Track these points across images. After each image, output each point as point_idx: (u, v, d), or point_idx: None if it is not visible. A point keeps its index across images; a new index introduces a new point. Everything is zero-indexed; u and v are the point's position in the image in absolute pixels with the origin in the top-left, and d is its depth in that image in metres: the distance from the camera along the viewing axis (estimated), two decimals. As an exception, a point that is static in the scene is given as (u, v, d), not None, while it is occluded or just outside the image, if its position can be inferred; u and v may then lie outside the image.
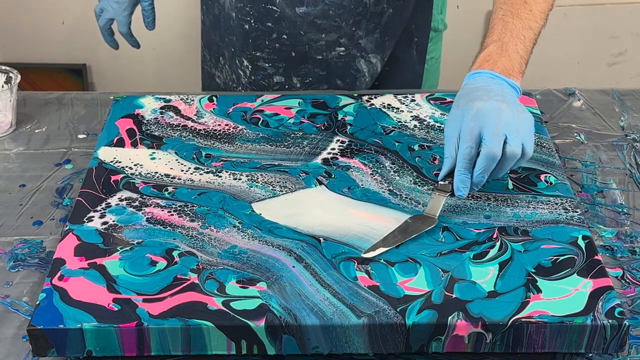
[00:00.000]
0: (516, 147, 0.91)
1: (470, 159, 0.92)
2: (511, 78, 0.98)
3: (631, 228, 1.02)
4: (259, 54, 1.28)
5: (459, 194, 0.93)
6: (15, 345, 0.87)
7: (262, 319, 0.81)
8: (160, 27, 1.94)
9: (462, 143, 0.92)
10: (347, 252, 0.89)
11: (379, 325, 0.81)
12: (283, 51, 1.26)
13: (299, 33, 1.24)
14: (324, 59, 1.27)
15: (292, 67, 1.28)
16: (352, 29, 1.25)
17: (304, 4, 1.22)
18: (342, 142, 1.07)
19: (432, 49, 1.39)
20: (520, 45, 1.01)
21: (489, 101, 0.93)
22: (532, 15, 1.03)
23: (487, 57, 1.00)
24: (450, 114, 0.96)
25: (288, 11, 1.22)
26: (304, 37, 1.24)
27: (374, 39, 1.27)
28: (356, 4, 1.23)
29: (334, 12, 1.22)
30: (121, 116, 1.12)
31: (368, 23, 1.25)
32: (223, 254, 0.89)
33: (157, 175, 1.01)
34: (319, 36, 1.24)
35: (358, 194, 0.98)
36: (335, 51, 1.26)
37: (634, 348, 0.87)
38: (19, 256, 0.97)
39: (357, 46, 1.27)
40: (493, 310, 0.82)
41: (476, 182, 0.93)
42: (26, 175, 1.11)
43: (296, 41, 1.25)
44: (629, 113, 1.23)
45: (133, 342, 0.82)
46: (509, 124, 0.91)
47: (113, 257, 0.89)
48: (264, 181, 1.00)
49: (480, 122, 0.91)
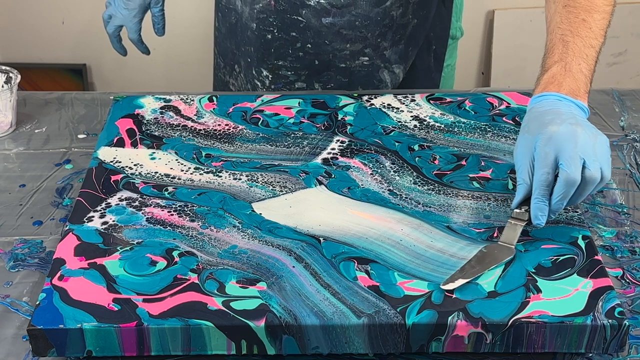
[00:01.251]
0: (595, 171, 0.88)
1: (547, 186, 0.89)
2: (578, 99, 0.95)
3: (631, 228, 1.02)
4: (281, 62, 1.27)
5: (536, 222, 0.89)
6: (15, 345, 0.87)
7: (262, 319, 0.81)
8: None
9: (537, 169, 0.89)
10: (347, 252, 0.89)
11: (379, 326, 0.81)
12: (306, 59, 1.26)
13: (324, 42, 1.24)
14: (347, 67, 1.27)
15: (314, 74, 1.28)
16: (378, 40, 1.25)
17: (330, 14, 1.21)
18: (342, 142, 1.07)
19: (449, 56, 1.39)
20: (583, 64, 0.98)
21: (563, 125, 0.90)
22: (592, 33, 1.00)
23: (551, 78, 0.97)
24: (520, 139, 0.93)
25: (314, 21, 1.22)
26: (328, 46, 1.25)
27: (399, 50, 1.27)
28: (383, 16, 1.22)
29: (360, 23, 1.22)
30: (121, 116, 1.12)
31: (394, 35, 1.25)
32: (223, 254, 0.89)
33: (157, 175, 1.01)
34: (344, 46, 1.24)
35: (358, 194, 0.98)
36: (359, 60, 1.27)
37: (634, 348, 0.87)
38: (19, 256, 0.97)
39: (381, 57, 1.27)
40: (493, 310, 0.82)
41: (554, 209, 0.90)
42: (26, 175, 1.11)
43: (320, 50, 1.25)
44: (629, 113, 1.23)
45: (133, 342, 0.82)
46: (585, 148, 0.89)
47: (113, 257, 0.89)
48: (264, 181, 1.00)
49: (555, 147, 0.89)
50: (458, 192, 0.98)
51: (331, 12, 1.21)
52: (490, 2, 2.31)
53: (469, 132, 1.09)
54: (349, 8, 1.21)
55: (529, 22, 2.31)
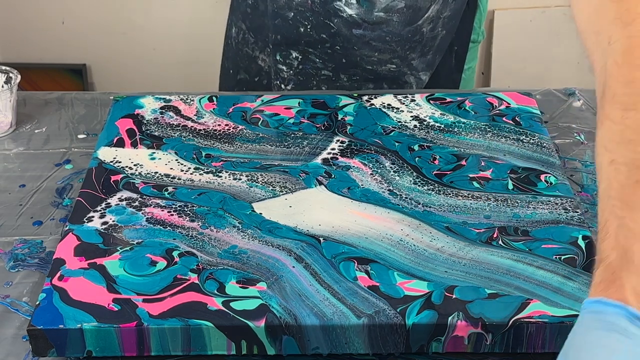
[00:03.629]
0: None
1: None
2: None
3: (631, 228, 1.02)
4: (311, 50, 1.28)
5: None
6: (15, 345, 0.87)
7: (262, 320, 0.81)
8: (160, 27, 1.95)
9: None
10: (347, 252, 0.89)
11: (379, 326, 0.81)
12: (335, 57, 1.28)
13: (353, 48, 1.26)
14: (373, 70, 1.28)
15: (341, 68, 1.29)
16: (407, 52, 1.26)
17: (361, 27, 1.22)
18: (342, 142, 1.07)
19: (470, 59, 1.39)
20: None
21: None
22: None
23: (610, 275, 0.66)
24: None
25: (344, 30, 1.23)
26: (357, 51, 1.26)
27: (426, 60, 1.28)
28: (414, 33, 1.23)
29: (391, 39, 1.24)
30: (121, 116, 1.12)
31: (423, 47, 1.27)
32: (223, 254, 0.89)
33: (157, 175, 1.01)
34: (372, 54, 1.26)
35: (358, 194, 0.98)
36: (386, 66, 1.28)
37: (634, 348, 0.87)
38: (19, 256, 0.97)
39: (408, 66, 1.29)
40: (493, 310, 0.82)
41: None
42: (26, 175, 1.11)
43: (349, 53, 1.26)
44: (629, 113, 1.23)
45: (133, 342, 0.82)
46: None
47: (113, 257, 0.89)
48: (264, 181, 1.00)
49: None
50: (458, 192, 0.98)
51: (362, 25, 1.23)
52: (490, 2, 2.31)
53: (469, 132, 1.09)
54: (380, 25, 1.22)
55: (529, 22, 2.31)
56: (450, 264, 0.88)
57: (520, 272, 0.87)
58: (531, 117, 1.12)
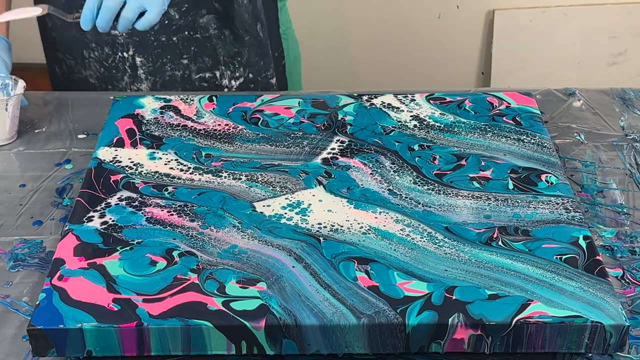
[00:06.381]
0: None
1: None
2: None
3: (631, 228, 1.02)
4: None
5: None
6: (15, 345, 0.87)
7: (262, 320, 0.81)
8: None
9: None
10: (346, 252, 0.89)
11: (379, 326, 0.81)
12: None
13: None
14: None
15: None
16: None
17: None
18: (342, 142, 1.07)
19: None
20: None
21: None
22: None
23: None
24: None
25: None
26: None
27: None
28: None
29: None
30: (121, 116, 1.12)
31: None
32: (223, 254, 0.89)
33: (157, 175, 1.01)
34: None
35: (358, 193, 0.98)
36: None
37: (634, 348, 0.87)
38: (19, 256, 0.97)
39: None
40: (493, 311, 0.82)
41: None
42: (26, 175, 1.11)
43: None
44: (628, 113, 1.23)
45: (133, 342, 0.82)
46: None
47: (113, 257, 0.89)
48: (264, 181, 1.00)
49: None
50: (458, 192, 0.98)
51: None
52: (490, 2, 2.31)
53: (469, 132, 1.09)
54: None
55: (529, 22, 2.31)
56: (450, 263, 0.88)
57: (521, 271, 0.87)
58: (531, 117, 1.12)
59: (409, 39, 2.37)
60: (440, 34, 2.36)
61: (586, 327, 0.81)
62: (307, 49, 1.58)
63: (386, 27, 2.35)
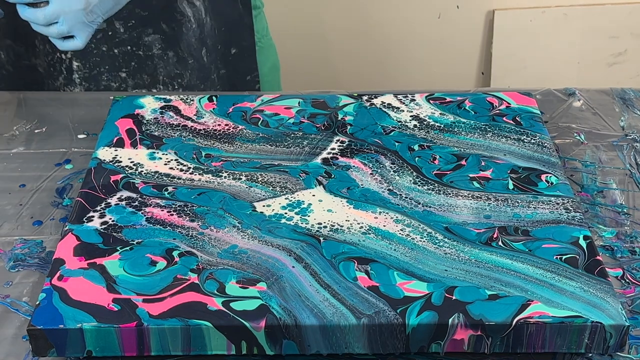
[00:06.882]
0: None
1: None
2: None
3: (631, 228, 1.02)
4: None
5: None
6: (15, 345, 0.87)
7: (262, 320, 0.81)
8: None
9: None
10: (347, 252, 0.89)
11: (379, 326, 0.81)
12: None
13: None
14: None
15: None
16: None
17: None
18: (342, 142, 1.07)
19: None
20: None
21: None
22: None
23: None
24: None
25: None
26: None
27: None
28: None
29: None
30: (121, 116, 1.12)
31: None
32: (223, 254, 0.89)
33: (157, 175, 1.01)
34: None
35: (358, 194, 0.98)
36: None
37: (634, 348, 0.87)
38: (19, 256, 0.97)
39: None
40: (493, 311, 0.82)
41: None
42: (26, 175, 1.11)
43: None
44: (628, 113, 1.23)
45: (133, 342, 0.82)
46: None
47: (113, 257, 0.89)
48: (264, 181, 1.00)
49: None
50: (458, 192, 0.98)
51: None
52: (490, 2, 2.31)
53: (469, 132, 1.09)
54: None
55: (529, 22, 2.31)
56: (450, 263, 0.88)
57: (521, 272, 0.87)
58: (531, 117, 1.12)
59: (409, 39, 2.37)
60: (440, 34, 2.36)
61: (586, 327, 0.81)
62: (307, 49, 1.59)
63: (386, 26, 2.35)
